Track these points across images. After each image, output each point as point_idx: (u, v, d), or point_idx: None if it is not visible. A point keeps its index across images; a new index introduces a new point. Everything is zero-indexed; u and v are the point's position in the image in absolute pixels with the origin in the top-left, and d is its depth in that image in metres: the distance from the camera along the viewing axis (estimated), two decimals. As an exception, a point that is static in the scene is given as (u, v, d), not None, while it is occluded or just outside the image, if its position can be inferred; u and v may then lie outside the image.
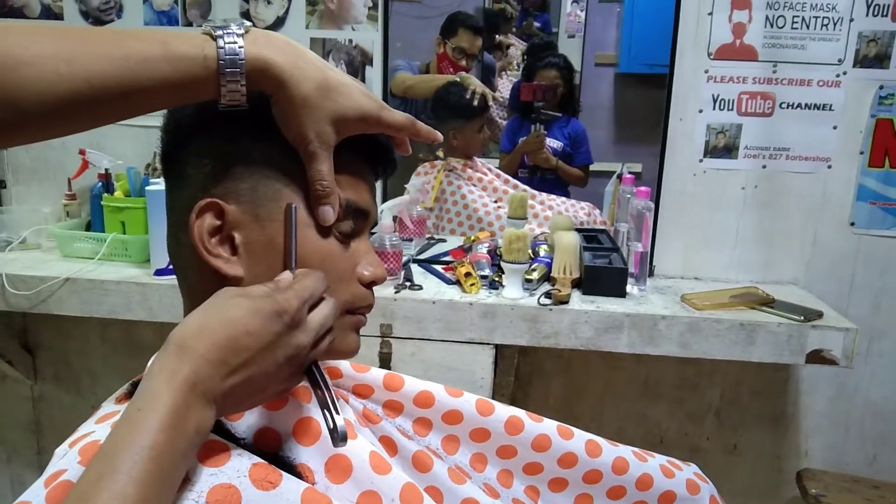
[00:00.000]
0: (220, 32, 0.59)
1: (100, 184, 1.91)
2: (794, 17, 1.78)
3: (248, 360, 0.54)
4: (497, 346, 1.62)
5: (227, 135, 0.65)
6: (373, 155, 0.71)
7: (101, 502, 0.45)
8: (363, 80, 1.97)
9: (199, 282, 0.66)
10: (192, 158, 0.66)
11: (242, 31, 0.59)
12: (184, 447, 0.50)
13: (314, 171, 0.63)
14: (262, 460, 0.58)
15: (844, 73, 1.79)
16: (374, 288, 0.71)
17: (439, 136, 0.72)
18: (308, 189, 0.64)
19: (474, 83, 2.39)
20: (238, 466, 0.57)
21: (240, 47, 0.58)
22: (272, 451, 0.62)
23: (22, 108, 0.54)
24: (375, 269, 0.70)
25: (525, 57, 3.07)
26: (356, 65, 1.95)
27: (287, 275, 0.62)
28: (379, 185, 1.92)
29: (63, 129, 0.60)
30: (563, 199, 2.43)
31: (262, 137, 0.64)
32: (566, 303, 1.60)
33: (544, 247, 1.88)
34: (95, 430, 0.68)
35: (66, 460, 0.62)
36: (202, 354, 0.52)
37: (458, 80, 2.49)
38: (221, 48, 0.58)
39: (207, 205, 0.63)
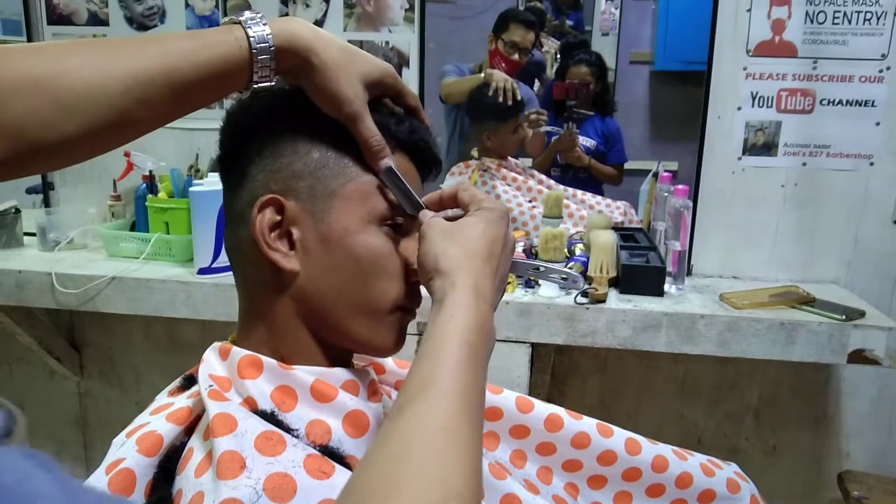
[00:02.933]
0: (242, 17, 0.63)
1: (144, 185, 1.96)
2: (835, 11, 1.75)
3: (499, 260, 0.65)
4: (533, 345, 1.62)
5: (288, 136, 0.68)
6: (421, 155, 0.74)
7: (445, 384, 0.54)
8: (399, 81, 1.98)
9: (255, 274, 0.69)
10: (253, 158, 0.69)
11: (261, 15, 0.64)
12: (486, 349, 0.60)
13: (364, 128, 0.67)
14: (316, 451, 0.60)
15: (888, 69, 1.75)
16: None
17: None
18: (361, 189, 0.68)
19: (498, 78, 2.39)
20: (293, 456, 0.59)
21: (265, 24, 0.63)
22: (322, 443, 0.64)
23: (78, 114, 0.56)
24: None
25: (558, 56, 3.06)
26: (393, 66, 1.97)
27: (427, 212, 0.69)
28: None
29: (120, 135, 0.62)
30: (599, 198, 2.42)
31: (320, 139, 0.68)
32: (603, 302, 1.60)
33: (580, 245, 1.88)
34: (150, 420, 0.71)
35: (125, 449, 0.65)
36: (479, 270, 0.62)
37: (484, 77, 2.50)
38: (249, 28, 0.62)
39: (269, 200, 0.67)
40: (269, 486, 0.57)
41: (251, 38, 0.62)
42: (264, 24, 0.63)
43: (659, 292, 1.68)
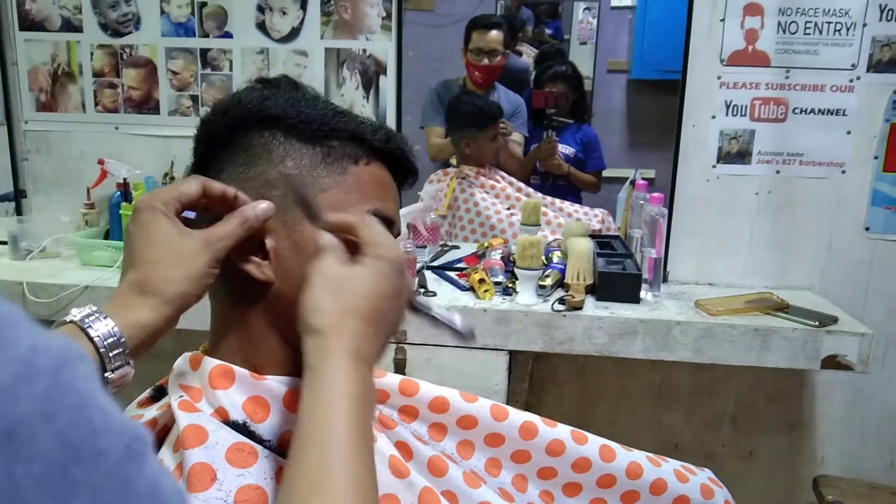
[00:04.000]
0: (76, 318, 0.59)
1: (118, 193, 1.94)
2: (806, 22, 1.78)
3: (385, 318, 0.61)
4: (511, 353, 1.62)
5: (262, 144, 0.68)
6: (397, 164, 0.73)
7: (338, 476, 0.51)
8: (376, 89, 1.99)
9: (227, 284, 0.68)
10: (226, 167, 0.69)
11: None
12: (370, 414, 0.57)
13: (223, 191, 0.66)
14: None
15: (858, 78, 1.79)
16: None
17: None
18: (335, 199, 0.67)
19: None
20: (265, 468, 0.59)
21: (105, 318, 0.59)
22: None
23: None
24: None
25: (535, 65, 3.08)
26: (370, 74, 1.97)
27: (330, 238, 0.64)
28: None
29: None
30: (577, 206, 2.43)
31: (294, 148, 0.68)
32: (580, 309, 1.61)
33: (557, 253, 1.89)
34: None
35: None
36: (357, 331, 0.58)
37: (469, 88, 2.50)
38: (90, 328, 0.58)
39: None
40: (241, 499, 0.56)
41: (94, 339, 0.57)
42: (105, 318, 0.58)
43: (635, 299, 1.69)
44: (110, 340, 0.57)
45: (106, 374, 0.57)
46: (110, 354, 0.57)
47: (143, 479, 0.32)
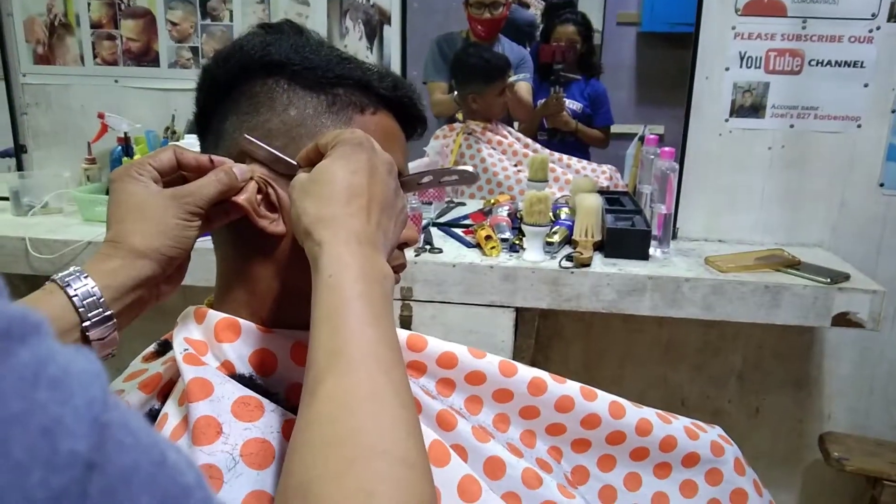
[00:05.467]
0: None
1: (119, 147, 1.91)
2: (825, -31, 1.72)
3: (371, 194, 0.58)
4: (518, 309, 1.61)
5: (266, 91, 0.66)
6: (405, 112, 0.71)
7: (351, 342, 0.50)
8: (380, 40, 1.94)
9: (236, 236, 0.67)
10: (229, 115, 0.67)
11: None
12: (382, 291, 0.55)
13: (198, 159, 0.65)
14: (295, 416, 0.59)
15: (878, 29, 1.73)
16: None
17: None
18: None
19: None
20: (271, 422, 0.58)
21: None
22: None
23: None
24: (407, 230, 0.70)
25: (543, 17, 3.01)
26: (374, 24, 1.92)
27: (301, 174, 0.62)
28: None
29: None
30: (585, 162, 2.39)
31: (298, 96, 0.66)
32: (588, 265, 1.59)
33: (565, 209, 1.86)
34: (125, 388, 0.69)
35: None
36: (341, 215, 0.56)
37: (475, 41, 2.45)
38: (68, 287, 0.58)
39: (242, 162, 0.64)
40: (247, 452, 0.56)
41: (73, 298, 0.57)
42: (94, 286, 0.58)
43: (644, 256, 1.66)
44: (89, 300, 0.58)
45: (84, 324, 0.57)
46: (90, 314, 0.57)
47: (12, 361, 0.27)
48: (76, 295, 0.57)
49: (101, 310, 0.58)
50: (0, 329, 0.27)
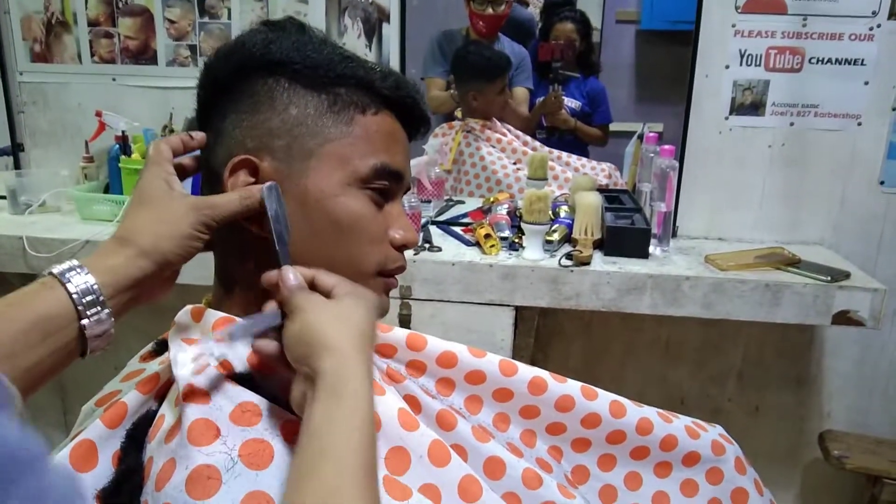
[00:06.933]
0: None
1: (117, 146, 1.90)
2: (826, -33, 1.71)
3: (373, 343, 0.62)
4: (517, 308, 1.60)
5: (266, 90, 0.65)
6: (408, 113, 0.71)
7: (352, 492, 0.51)
8: (379, 38, 1.93)
9: (230, 235, 0.66)
10: (229, 114, 0.67)
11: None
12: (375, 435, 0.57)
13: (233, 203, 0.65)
14: (294, 416, 0.58)
15: (878, 26, 1.72)
16: None
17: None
18: (341, 152, 0.65)
19: None
20: (270, 424, 0.58)
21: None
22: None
23: None
24: (407, 232, 0.70)
25: (542, 15, 3.00)
26: (373, 22, 1.91)
27: (290, 271, 0.62)
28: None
29: None
30: (584, 160, 2.39)
31: (299, 95, 0.65)
32: (587, 264, 1.58)
33: (565, 208, 1.86)
34: (121, 388, 0.69)
35: (91, 420, 0.63)
36: (368, 355, 0.58)
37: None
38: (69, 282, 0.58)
39: (241, 162, 0.64)
40: (245, 453, 0.56)
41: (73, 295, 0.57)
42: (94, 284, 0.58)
43: (644, 254, 1.66)
44: (89, 298, 0.57)
45: (82, 322, 0.57)
46: (88, 312, 0.57)
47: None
48: (76, 292, 0.57)
49: (99, 307, 0.58)
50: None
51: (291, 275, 0.61)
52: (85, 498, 0.30)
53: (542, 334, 2.00)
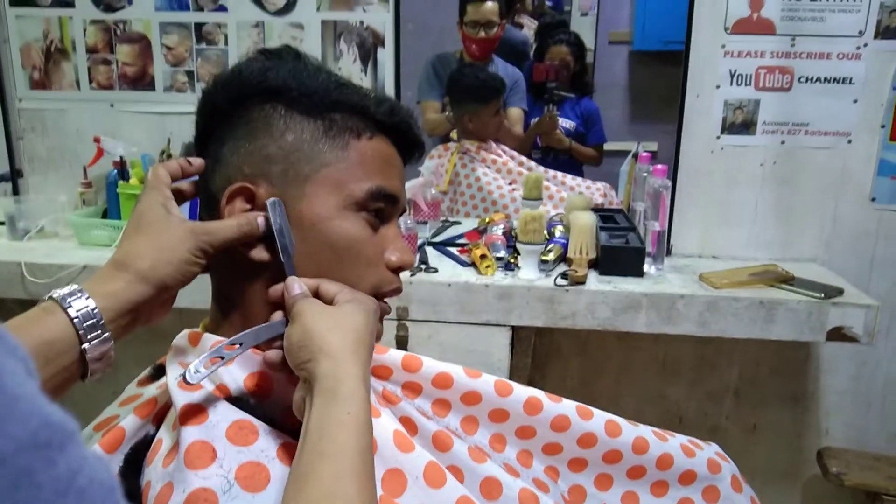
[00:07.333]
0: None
1: (115, 171, 1.91)
2: (812, -12, 1.74)
3: (370, 349, 0.63)
4: (513, 328, 1.61)
5: (263, 117, 0.67)
6: (402, 138, 0.72)
7: (352, 491, 0.52)
8: (374, 62, 1.96)
9: (227, 260, 0.67)
10: (227, 141, 0.68)
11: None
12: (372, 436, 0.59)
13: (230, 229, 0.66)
14: (290, 439, 0.59)
15: (865, 45, 1.75)
16: None
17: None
18: (336, 176, 0.66)
19: None
20: (266, 445, 0.59)
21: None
22: (298, 427, 0.62)
23: None
24: (403, 254, 0.70)
25: (537, 37, 3.04)
26: (367, 47, 1.94)
27: (295, 282, 0.64)
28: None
29: None
30: (579, 179, 2.41)
31: (295, 121, 0.66)
32: (583, 283, 1.59)
33: (560, 227, 1.87)
34: (119, 413, 0.69)
35: (91, 444, 0.63)
36: (364, 360, 0.60)
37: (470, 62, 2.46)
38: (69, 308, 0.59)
39: (238, 189, 0.66)
40: (242, 476, 0.56)
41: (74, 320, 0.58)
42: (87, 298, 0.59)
43: (638, 273, 1.67)
44: (89, 322, 0.58)
45: (83, 346, 0.58)
46: (89, 336, 0.58)
47: (52, 472, 0.29)
48: (77, 317, 0.57)
49: (100, 331, 0.58)
50: (43, 439, 0.29)
51: (296, 285, 0.63)
52: (112, 472, 0.32)
53: (538, 354, 2.00)
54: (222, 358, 0.61)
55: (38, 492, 0.28)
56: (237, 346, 0.62)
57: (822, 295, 1.57)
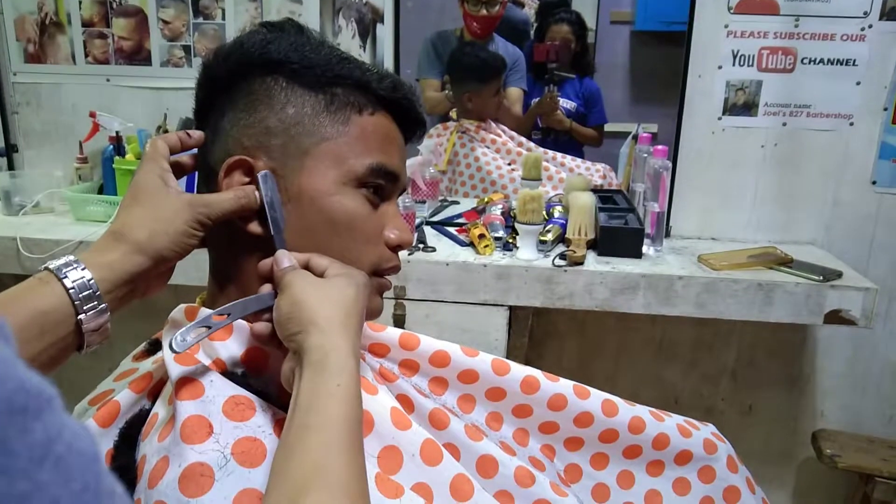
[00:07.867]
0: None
1: (111, 147, 1.90)
2: (818, -33, 1.72)
3: (361, 320, 0.63)
4: (511, 308, 1.61)
5: (264, 89, 0.66)
6: (404, 115, 0.71)
7: (341, 462, 0.52)
8: (373, 38, 1.93)
9: (225, 234, 0.67)
10: (227, 112, 0.67)
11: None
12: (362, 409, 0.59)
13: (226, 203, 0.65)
14: (286, 413, 0.59)
15: (870, 27, 1.73)
16: None
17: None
18: (337, 150, 0.66)
19: None
20: (262, 421, 0.59)
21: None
22: None
23: None
24: (402, 232, 0.70)
25: (538, 16, 3.01)
26: (366, 22, 1.92)
27: (285, 255, 0.64)
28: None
29: None
30: (579, 160, 2.39)
31: (297, 94, 0.66)
32: (581, 264, 1.59)
33: (559, 208, 1.86)
34: (114, 387, 0.69)
35: (84, 419, 0.63)
36: (354, 331, 0.60)
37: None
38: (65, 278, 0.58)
39: (236, 162, 0.65)
40: (238, 451, 0.56)
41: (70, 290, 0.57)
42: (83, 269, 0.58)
43: (637, 254, 1.67)
44: (86, 293, 0.57)
45: (79, 317, 0.57)
46: (85, 307, 0.58)
47: (28, 439, 0.27)
48: (73, 287, 0.57)
49: (96, 302, 0.58)
50: (19, 404, 0.27)
51: (286, 258, 0.63)
52: (95, 442, 0.31)
53: (536, 334, 2.00)
54: (209, 328, 0.61)
55: (13, 459, 0.27)
56: (225, 316, 0.61)
57: (821, 277, 1.56)
